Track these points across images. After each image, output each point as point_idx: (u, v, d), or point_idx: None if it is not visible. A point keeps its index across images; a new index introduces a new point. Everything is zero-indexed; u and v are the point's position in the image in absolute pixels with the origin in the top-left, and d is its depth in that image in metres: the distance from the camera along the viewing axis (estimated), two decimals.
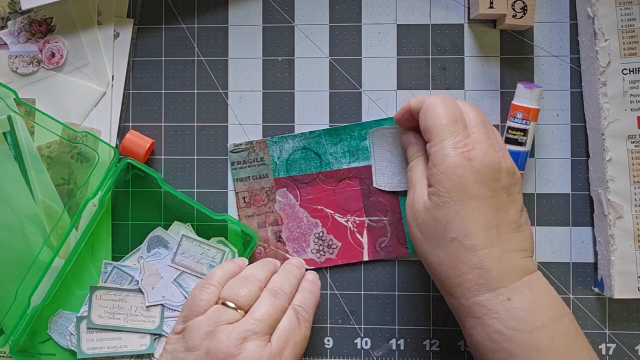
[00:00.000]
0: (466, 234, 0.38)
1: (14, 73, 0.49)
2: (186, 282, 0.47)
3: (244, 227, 0.48)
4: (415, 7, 0.49)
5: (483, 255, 0.38)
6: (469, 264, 0.38)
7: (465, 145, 0.38)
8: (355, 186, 0.49)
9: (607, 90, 0.45)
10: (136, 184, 0.50)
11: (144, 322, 0.47)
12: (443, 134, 0.39)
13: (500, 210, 0.38)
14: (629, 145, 0.45)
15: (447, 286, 0.39)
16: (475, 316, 0.38)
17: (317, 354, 0.49)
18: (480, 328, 0.38)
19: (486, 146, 0.38)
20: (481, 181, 0.38)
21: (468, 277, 0.38)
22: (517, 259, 0.38)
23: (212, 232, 0.49)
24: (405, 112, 0.44)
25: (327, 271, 0.49)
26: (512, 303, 0.37)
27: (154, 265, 0.48)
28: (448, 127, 0.39)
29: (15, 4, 0.49)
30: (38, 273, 0.47)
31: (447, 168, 0.38)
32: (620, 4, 0.45)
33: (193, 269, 0.47)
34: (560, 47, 0.48)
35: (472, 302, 0.38)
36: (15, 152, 0.48)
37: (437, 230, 0.39)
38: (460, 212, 0.38)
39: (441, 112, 0.39)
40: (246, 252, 0.47)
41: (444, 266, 0.39)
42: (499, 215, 0.38)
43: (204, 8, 0.50)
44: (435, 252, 0.39)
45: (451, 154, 0.38)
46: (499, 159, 0.39)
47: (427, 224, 0.39)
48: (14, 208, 0.48)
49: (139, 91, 0.50)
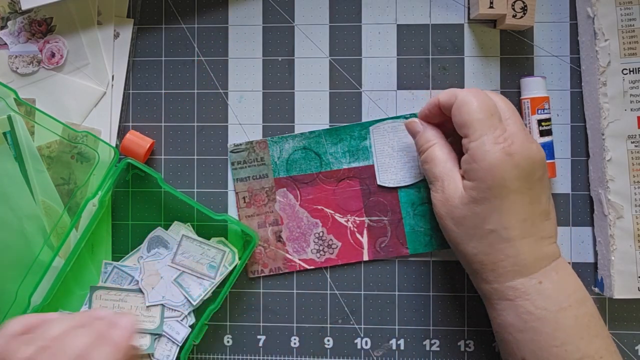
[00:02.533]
0: (505, 227, 0.39)
1: (14, 73, 0.49)
2: (186, 282, 0.47)
3: (244, 227, 0.48)
4: (415, 7, 0.49)
5: (519, 246, 0.39)
6: (505, 253, 0.39)
7: (504, 140, 0.38)
8: (355, 186, 0.49)
9: (607, 90, 0.45)
10: (136, 184, 0.50)
11: (144, 322, 0.47)
12: (482, 130, 0.39)
13: (534, 201, 0.40)
14: (629, 145, 0.45)
15: (481, 272, 0.41)
16: (507, 299, 0.40)
17: (317, 354, 0.49)
18: (511, 309, 0.40)
19: (523, 139, 0.39)
20: (521, 176, 0.39)
21: (503, 264, 0.39)
22: (546, 246, 0.40)
23: (212, 232, 0.49)
24: (433, 107, 0.43)
25: (327, 271, 0.49)
26: (542, 285, 0.39)
27: (154, 265, 0.48)
28: (485, 122, 0.39)
29: (15, 4, 0.49)
30: (38, 273, 0.47)
31: (488, 165, 0.38)
32: (620, 4, 0.45)
33: (193, 269, 0.47)
34: (560, 47, 0.48)
35: (506, 287, 0.40)
36: (15, 152, 0.48)
37: (474, 223, 0.40)
38: (500, 207, 0.39)
39: (476, 106, 0.39)
40: (246, 252, 0.47)
41: (479, 255, 0.40)
42: (534, 207, 0.40)
43: (204, 8, 0.50)
44: (471, 243, 0.40)
45: (492, 150, 0.38)
46: (535, 152, 0.39)
47: (465, 218, 0.40)
48: (14, 208, 0.48)
49: (139, 91, 0.50)
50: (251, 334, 0.49)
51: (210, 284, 0.47)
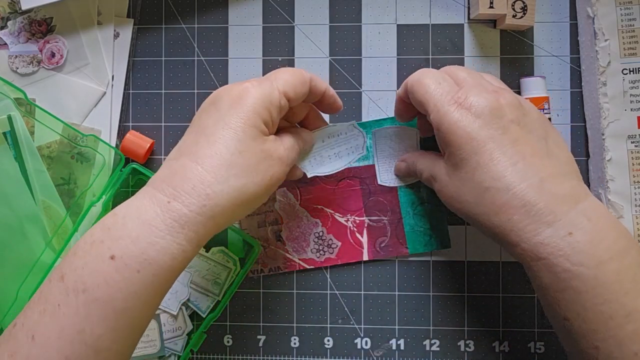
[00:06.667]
0: (494, 178, 0.37)
1: (14, 73, 0.49)
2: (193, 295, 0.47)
3: (245, 236, 0.48)
4: (415, 7, 0.49)
5: (520, 191, 0.36)
6: (512, 205, 0.36)
7: (458, 98, 0.38)
8: (355, 186, 0.49)
9: (607, 90, 0.45)
10: (137, 184, 0.49)
11: (145, 349, 0.47)
12: (435, 98, 0.39)
13: (518, 142, 0.37)
14: (629, 145, 0.45)
15: (502, 236, 0.38)
16: (540, 257, 0.36)
17: (317, 354, 0.49)
18: (547, 269, 0.36)
19: (478, 90, 0.38)
20: (485, 124, 0.37)
21: (516, 217, 0.36)
22: (558, 185, 0.37)
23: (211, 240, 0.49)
24: (399, 103, 0.44)
25: (327, 271, 0.49)
26: (574, 237, 0.35)
27: None
28: (436, 89, 0.39)
29: (15, 4, 0.49)
30: (39, 274, 0.47)
31: (449, 125, 0.38)
32: (620, 4, 0.45)
33: (197, 284, 0.47)
34: (560, 47, 0.48)
35: (534, 244, 0.36)
36: (15, 152, 0.48)
37: (469, 190, 0.38)
38: (480, 161, 0.37)
39: (426, 81, 0.40)
40: (248, 262, 0.47)
41: (491, 218, 0.37)
42: (520, 148, 0.37)
43: (204, 8, 0.50)
44: (478, 210, 0.38)
45: (448, 110, 0.38)
46: (494, 97, 0.38)
47: (459, 191, 0.39)
48: (14, 208, 0.48)
49: (139, 91, 0.50)
50: (251, 334, 0.49)
51: (214, 300, 0.47)
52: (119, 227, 0.35)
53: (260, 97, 0.38)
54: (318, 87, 0.42)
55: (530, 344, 0.48)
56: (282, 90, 0.39)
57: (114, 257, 0.34)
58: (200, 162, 0.36)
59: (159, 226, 0.34)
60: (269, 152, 0.38)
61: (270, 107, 0.38)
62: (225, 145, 0.36)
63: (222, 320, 0.49)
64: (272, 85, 0.39)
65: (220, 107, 0.38)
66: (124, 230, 0.34)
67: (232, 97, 0.38)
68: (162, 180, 0.36)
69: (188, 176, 0.36)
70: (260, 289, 0.49)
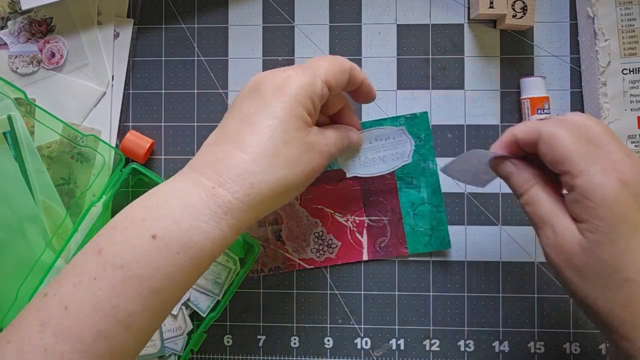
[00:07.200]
0: None
1: (14, 73, 0.49)
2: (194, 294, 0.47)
3: (245, 236, 0.48)
4: (415, 7, 0.49)
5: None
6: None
7: (615, 169, 0.33)
8: (355, 186, 0.49)
9: (607, 90, 0.45)
10: (138, 184, 0.49)
11: (146, 348, 0.47)
12: (583, 161, 0.34)
13: None
14: (629, 145, 0.45)
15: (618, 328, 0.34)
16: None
17: (317, 354, 0.49)
18: None
19: (633, 164, 0.34)
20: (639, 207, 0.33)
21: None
22: None
23: None
24: (509, 146, 0.38)
25: (327, 271, 0.49)
26: None
27: None
28: (585, 152, 0.34)
29: (15, 4, 0.49)
30: (39, 274, 0.47)
31: (605, 199, 0.33)
32: (620, 4, 0.45)
33: (197, 284, 0.47)
34: (560, 47, 0.48)
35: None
36: (15, 152, 0.48)
37: (603, 272, 0.33)
38: (631, 248, 0.33)
39: (567, 137, 0.34)
40: (248, 262, 0.47)
41: (616, 309, 0.34)
42: None
43: (204, 8, 0.50)
44: (603, 296, 0.34)
45: (605, 183, 0.33)
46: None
47: (589, 267, 0.34)
48: (14, 208, 0.48)
49: (139, 91, 0.50)
50: (251, 334, 0.49)
51: (214, 300, 0.47)
52: (161, 207, 0.34)
53: (304, 86, 0.37)
54: (357, 77, 0.41)
55: (530, 344, 0.48)
56: (324, 79, 0.38)
57: (156, 237, 0.33)
58: (244, 151, 0.35)
59: (203, 210, 0.34)
60: (311, 145, 0.38)
61: (313, 96, 0.37)
62: (270, 135, 0.36)
63: (222, 320, 0.49)
64: (315, 74, 0.38)
65: (264, 95, 0.37)
66: (166, 210, 0.34)
67: (275, 84, 0.37)
68: (206, 165, 0.36)
69: (233, 164, 0.35)
70: (260, 288, 0.49)
